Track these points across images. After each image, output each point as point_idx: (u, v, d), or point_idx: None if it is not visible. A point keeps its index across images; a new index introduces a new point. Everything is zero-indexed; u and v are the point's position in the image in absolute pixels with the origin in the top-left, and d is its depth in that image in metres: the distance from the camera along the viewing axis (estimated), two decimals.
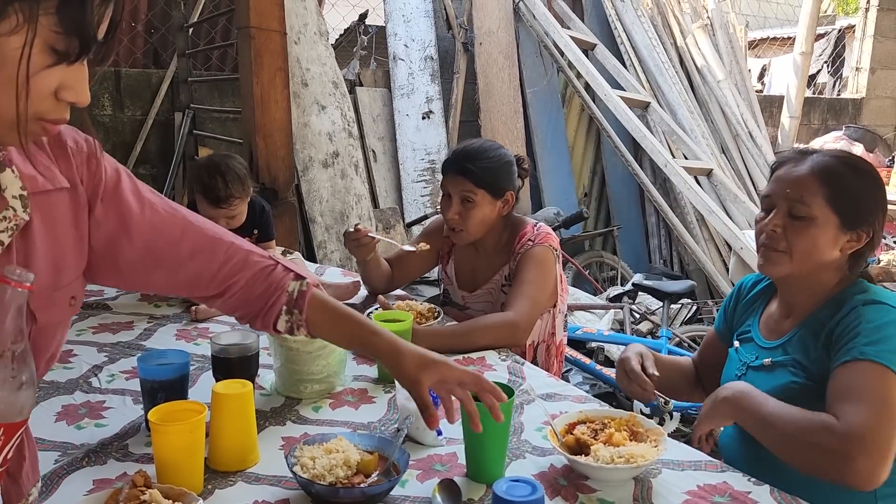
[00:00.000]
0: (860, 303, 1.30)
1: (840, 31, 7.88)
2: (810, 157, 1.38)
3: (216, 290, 1.16)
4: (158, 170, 3.71)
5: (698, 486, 1.20)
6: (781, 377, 1.38)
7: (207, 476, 1.18)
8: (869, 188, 1.35)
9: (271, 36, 2.54)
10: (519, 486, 1.05)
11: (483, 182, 1.94)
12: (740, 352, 1.54)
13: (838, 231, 1.33)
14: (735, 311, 1.61)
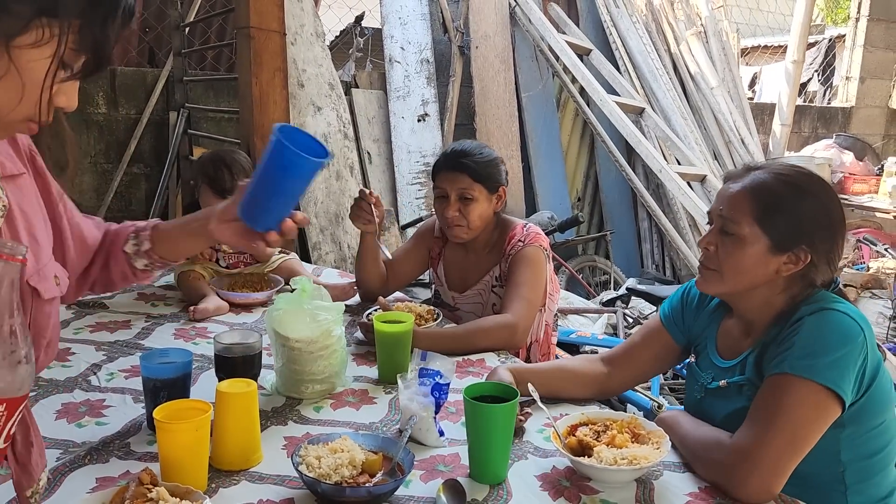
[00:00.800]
0: (806, 313, 1.25)
1: (831, 40, 7.96)
2: (752, 173, 1.33)
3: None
4: (152, 169, 3.70)
5: (699, 489, 1.21)
6: (738, 401, 1.33)
7: (211, 475, 1.18)
8: (808, 207, 1.28)
9: (271, 36, 2.54)
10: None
11: (480, 177, 1.96)
12: (695, 370, 1.49)
13: (768, 252, 1.28)
14: (697, 315, 1.53)
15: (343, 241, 3.64)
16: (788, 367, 1.19)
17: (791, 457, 1.16)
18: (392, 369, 1.58)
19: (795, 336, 1.22)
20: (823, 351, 1.19)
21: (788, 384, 1.18)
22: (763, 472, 1.15)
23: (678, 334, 1.55)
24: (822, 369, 1.17)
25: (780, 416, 1.16)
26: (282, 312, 1.47)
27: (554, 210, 4.38)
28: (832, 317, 1.23)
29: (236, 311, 2.08)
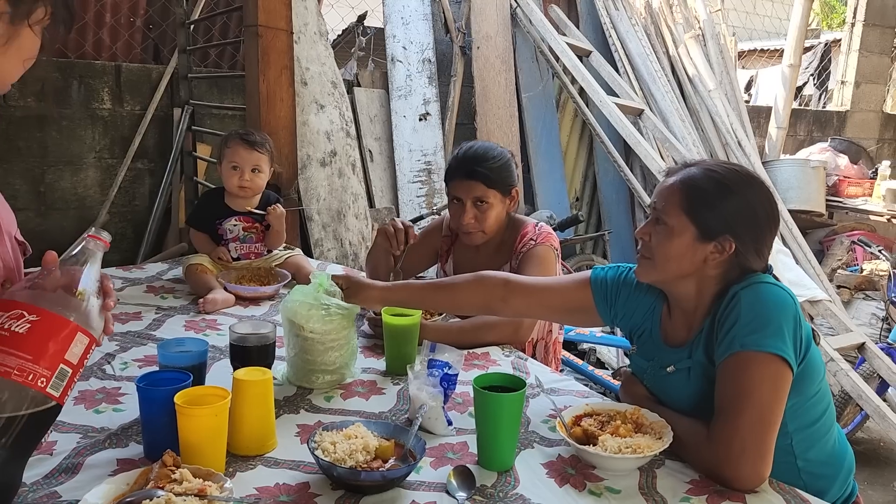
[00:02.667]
0: (738, 289, 1.32)
1: (826, 44, 8.02)
2: (686, 169, 1.40)
3: None
4: (156, 165, 3.72)
5: (700, 477, 1.25)
6: (687, 385, 1.39)
7: (228, 460, 1.22)
8: (727, 198, 1.34)
9: (278, 34, 2.58)
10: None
11: (494, 183, 1.98)
12: (637, 359, 1.53)
13: (695, 241, 1.34)
14: (637, 301, 1.54)
15: (344, 238, 3.68)
16: (739, 345, 1.25)
17: (768, 434, 1.21)
18: (400, 361, 1.63)
19: (735, 312, 1.28)
20: (766, 322, 1.25)
21: (744, 362, 1.24)
22: (749, 459, 1.19)
23: (603, 307, 1.57)
24: (769, 339, 1.24)
25: (746, 398, 1.22)
26: (297, 303, 1.51)
27: (553, 209, 4.42)
28: (763, 289, 1.30)
29: (244, 305, 2.11)
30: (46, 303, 0.93)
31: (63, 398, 0.93)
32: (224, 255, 2.28)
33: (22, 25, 0.96)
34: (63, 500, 1.09)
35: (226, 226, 2.30)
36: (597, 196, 5.21)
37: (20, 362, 0.89)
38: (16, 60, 0.99)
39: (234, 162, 2.23)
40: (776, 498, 1.19)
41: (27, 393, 0.89)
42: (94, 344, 0.97)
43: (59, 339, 0.92)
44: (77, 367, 0.95)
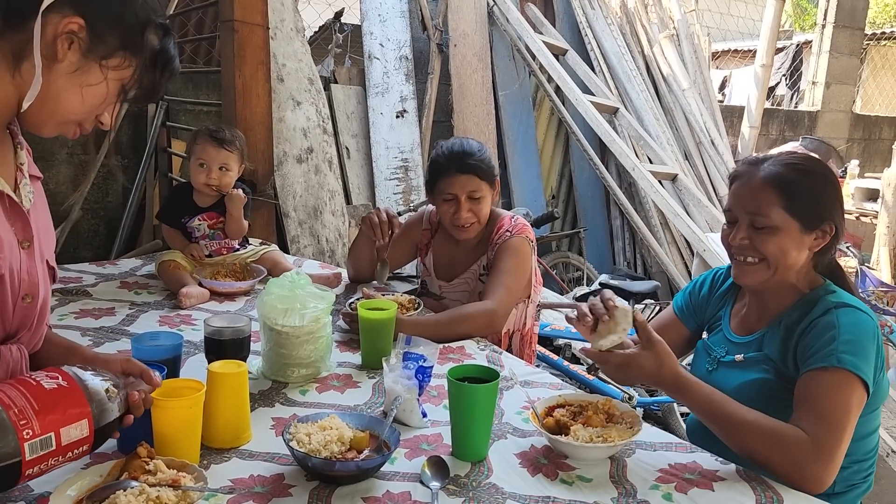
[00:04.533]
0: (832, 305, 1.37)
1: (798, 45, 8.16)
2: (761, 167, 1.44)
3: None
4: (130, 160, 3.69)
5: (669, 465, 1.28)
6: (752, 373, 1.45)
7: (202, 452, 1.22)
8: (821, 186, 1.41)
9: (255, 30, 2.57)
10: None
11: (485, 174, 2.01)
12: (708, 345, 1.61)
13: (801, 234, 1.40)
14: (709, 300, 1.66)
15: (321, 235, 3.67)
16: (837, 360, 1.29)
17: (845, 448, 1.27)
18: (375, 355, 1.63)
19: (833, 330, 1.33)
20: (862, 348, 1.31)
21: (841, 379, 1.29)
22: (833, 467, 1.25)
23: (690, 321, 1.70)
24: (864, 365, 1.30)
25: (839, 412, 1.27)
26: (273, 297, 1.51)
27: (529, 207, 4.45)
28: (860, 317, 1.36)
29: (219, 300, 2.11)
30: (81, 380, 0.98)
31: (27, 467, 0.91)
32: (197, 252, 2.27)
33: (94, 62, 1.02)
34: (34, 493, 1.08)
35: (192, 224, 2.29)
36: (572, 193, 5.26)
37: (23, 405, 0.91)
38: (76, 91, 1.02)
39: (201, 159, 2.22)
40: (743, 486, 1.22)
41: (7, 436, 0.89)
42: (88, 444, 0.98)
43: (67, 412, 0.95)
44: (59, 451, 0.94)
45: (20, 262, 1.05)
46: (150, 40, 1.05)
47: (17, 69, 0.99)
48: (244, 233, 2.33)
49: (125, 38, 1.03)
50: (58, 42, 0.98)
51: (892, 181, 4.85)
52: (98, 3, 1.00)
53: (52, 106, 1.02)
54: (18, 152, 1.11)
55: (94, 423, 0.96)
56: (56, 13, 0.97)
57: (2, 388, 0.91)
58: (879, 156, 7.34)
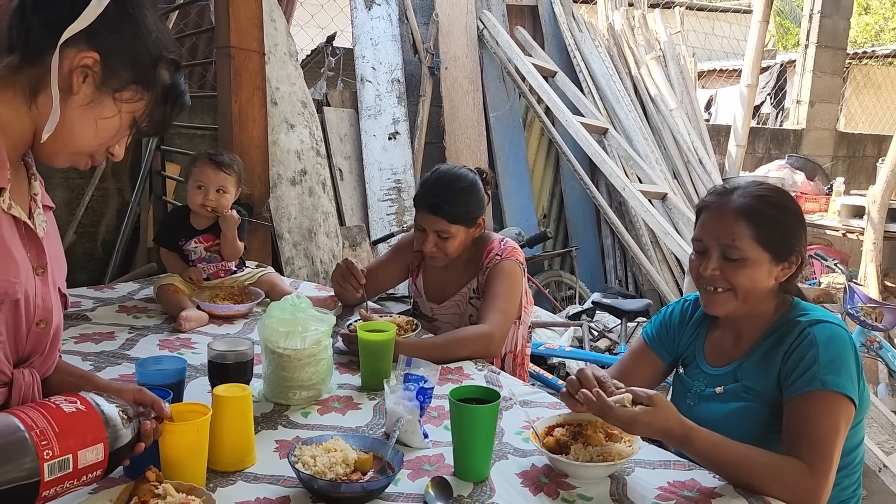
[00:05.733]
0: (806, 325, 1.41)
1: (782, 65, 8.30)
2: (731, 197, 1.46)
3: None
4: (125, 184, 3.71)
5: (668, 483, 1.30)
6: (734, 403, 1.48)
7: (208, 475, 1.23)
8: (790, 220, 1.45)
9: (251, 56, 2.61)
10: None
11: (457, 218, 2.01)
12: (685, 379, 1.62)
13: (771, 265, 1.44)
14: (681, 332, 1.67)
15: (316, 256, 3.69)
16: (820, 383, 1.33)
17: (836, 465, 1.31)
18: (375, 376, 1.65)
19: (812, 351, 1.36)
20: (842, 364, 1.35)
21: (827, 401, 1.32)
22: (827, 487, 1.28)
23: (664, 353, 1.69)
24: (846, 382, 1.33)
25: (830, 435, 1.30)
26: (274, 320, 1.53)
27: (521, 226, 4.49)
28: (835, 331, 1.39)
29: (218, 323, 2.12)
30: (98, 405, 1.01)
31: (45, 488, 0.93)
32: (195, 276, 2.28)
33: (107, 95, 1.05)
34: None
35: (188, 247, 2.31)
36: (564, 213, 5.31)
37: (45, 426, 0.93)
38: (90, 123, 1.06)
39: (199, 181, 2.24)
40: (740, 501, 1.25)
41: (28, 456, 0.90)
42: (102, 469, 1.00)
43: (85, 434, 0.97)
44: (76, 474, 0.96)
45: (35, 288, 1.07)
46: (161, 75, 1.09)
47: (33, 102, 1.02)
48: (239, 254, 2.35)
49: (138, 73, 1.06)
50: (73, 75, 1.01)
51: (877, 198, 4.92)
52: (112, 39, 1.03)
53: (65, 137, 1.05)
54: (32, 183, 1.13)
55: (109, 447, 0.98)
56: (72, 48, 1.00)
57: (24, 409, 0.93)
58: (864, 173, 7.45)
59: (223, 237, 2.27)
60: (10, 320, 1.04)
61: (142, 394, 1.13)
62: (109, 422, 1.00)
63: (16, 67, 1.02)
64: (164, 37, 1.11)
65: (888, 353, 3.45)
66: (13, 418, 0.92)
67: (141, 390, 1.14)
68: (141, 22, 1.07)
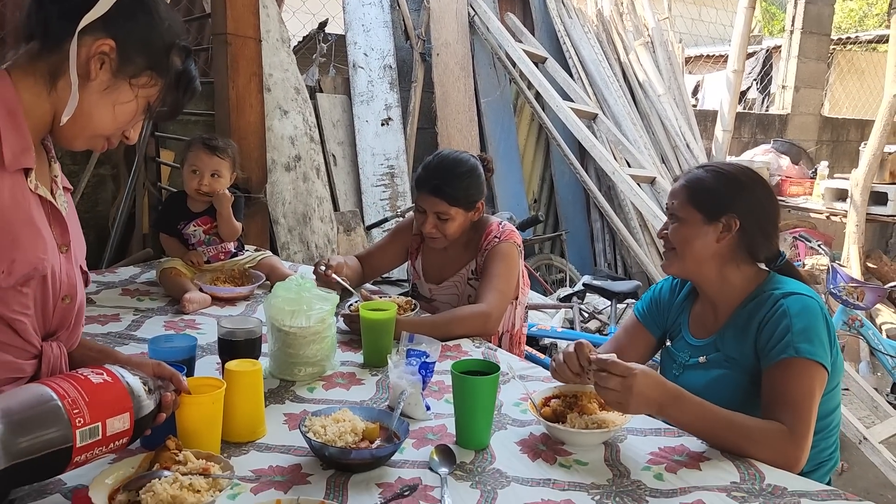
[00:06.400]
0: (780, 296, 1.49)
1: (768, 50, 8.38)
2: (692, 171, 1.64)
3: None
4: (119, 170, 3.73)
5: (659, 448, 1.38)
6: (716, 371, 1.57)
7: (221, 446, 1.29)
8: (720, 183, 1.58)
9: (247, 42, 2.64)
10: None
11: (457, 201, 2.07)
12: (671, 351, 1.73)
13: (704, 225, 1.57)
14: (670, 307, 1.77)
15: (311, 241, 3.74)
16: (794, 350, 1.42)
17: (813, 428, 1.39)
18: (377, 354, 1.72)
19: (785, 321, 1.45)
20: (814, 333, 1.44)
21: (801, 367, 1.41)
22: (806, 448, 1.36)
23: (654, 328, 1.79)
24: (819, 349, 1.42)
25: (805, 399, 1.39)
26: (280, 300, 1.59)
27: (512, 210, 4.55)
28: (807, 302, 1.48)
29: (220, 305, 2.17)
30: (123, 377, 1.06)
31: (77, 454, 0.98)
32: (196, 259, 2.33)
33: (123, 81, 1.10)
34: (68, 486, 1.15)
35: (188, 231, 2.35)
36: (554, 197, 5.37)
37: (76, 396, 0.98)
38: (108, 107, 1.11)
39: (194, 166, 2.29)
40: (727, 464, 1.32)
41: (62, 423, 0.95)
42: (128, 437, 1.05)
43: (113, 403, 1.03)
44: (104, 441, 1.01)
45: (60, 265, 1.12)
46: (174, 61, 1.13)
47: (53, 87, 1.07)
48: (237, 234, 2.39)
49: (152, 59, 1.11)
50: (91, 62, 1.06)
51: (859, 181, 5.03)
52: (127, 27, 1.08)
53: (84, 121, 1.09)
54: (52, 165, 1.18)
55: (134, 415, 1.04)
56: (89, 35, 1.05)
57: (55, 380, 0.98)
58: (847, 157, 7.55)
59: (219, 216, 2.32)
60: (38, 296, 1.09)
61: (160, 368, 1.19)
62: (134, 392, 1.05)
63: (35, 55, 1.07)
64: (176, 24, 1.16)
65: (869, 331, 3.55)
66: (47, 388, 0.97)
67: (160, 364, 1.20)
68: (154, 10, 1.12)
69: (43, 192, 1.11)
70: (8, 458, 0.89)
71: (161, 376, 1.17)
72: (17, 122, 1.04)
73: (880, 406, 3.17)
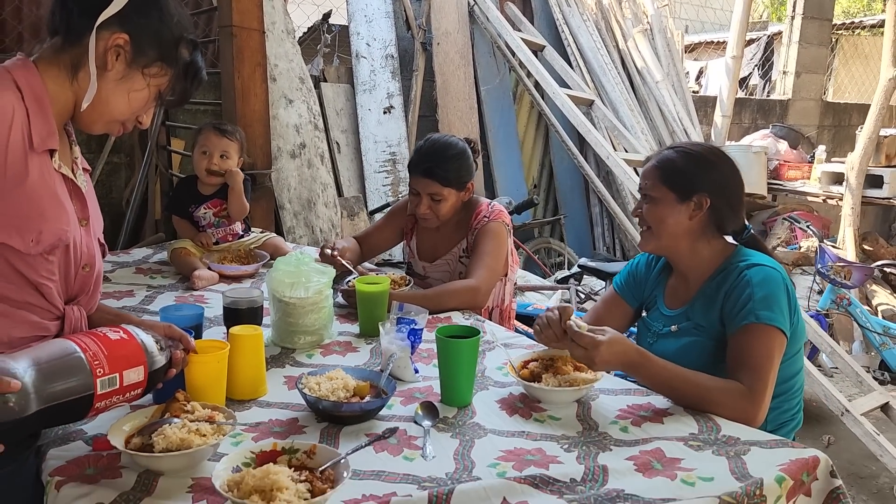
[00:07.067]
0: (744, 268, 1.61)
1: (769, 37, 8.41)
2: (661, 153, 1.73)
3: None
4: (132, 158, 3.87)
5: (627, 406, 1.50)
6: (686, 338, 1.69)
7: (226, 403, 1.42)
8: (690, 163, 1.68)
9: (252, 34, 2.77)
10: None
11: (449, 182, 2.19)
12: (647, 321, 1.85)
13: (676, 203, 1.67)
14: (646, 280, 1.89)
15: (315, 225, 3.88)
16: (755, 317, 1.54)
17: (772, 387, 1.51)
18: (372, 323, 1.84)
19: (749, 290, 1.57)
20: (774, 301, 1.55)
21: (761, 332, 1.53)
22: (764, 406, 1.49)
23: (631, 299, 1.92)
24: (778, 316, 1.54)
25: (767, 361, 1.51)
26: (281, 273, 1.72)
27: (511, 196, 4.67)
28: (768, 272, 1.59)
29: (227, 282, 2.31)
30: (137, 335, 1.19)
31: (98, 400, 1.11)
32: (206, 240, 2.47)
33: (136, 71, 1.22)
34: (88, 435, 1.29)
35: (199, 213, 2.49)
36: (553, 183, 5.48)
37: (96, 350, 1.11)
38: (123, 95, 1.23)
39: (205, 147, 2.43)
40: (688, 418, 1.45)
41: (84, 373, 1.08)
42: (142, 388, 1.18)
43: (129, 357, 1.15)
44: (121, 390, 1.14)
45: (80, 237, 1.26)
46: (182, 53, 1.26)
47: (74, 77, 1.20)
48: (246, 211, 2.50)
49: (162, 51, 1.24)
50: (108, 54, 1.19)
51: (855, 165, 5.10)
52: (140, 22, 1.21)
53: (102, 108, 1.23)
54: (73, 148, 1.31)
55: (148, 368, 1.17)
56: (106, 30, 1.18)
57: (78, 336, 1.12)
58: (849, 141, 7.58)
59: (230, 192, 2.44)
60: (61, 263, 1.23)
61: (171, 329, 1.32)
62: (147, 348, 1.19)
63: (59, 48, 1.20)
64: (185, 20, 1.28)
65: (856, 309, 3.65)
66: (70, 342, 1.11)
67: (170, 326, 1.33)
68: (164, 7, 1.24)
69: (65, 171, 1.24)
70: (39, 402, 1.03)
71: (171, 337, 1.30)
72: (44, 109, 1.17)
73: (864, 381, 3.28)
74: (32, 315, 1.21)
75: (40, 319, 1.22)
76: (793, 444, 1.34)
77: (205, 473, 1.15)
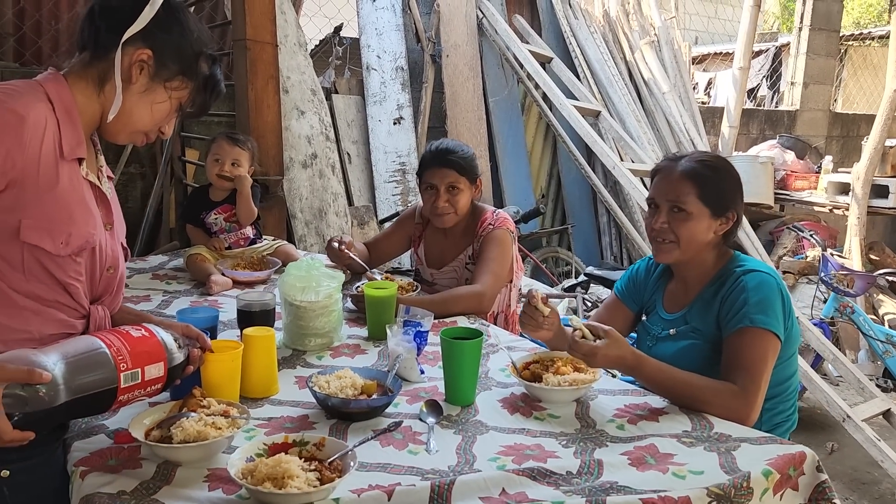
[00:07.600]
0: (741, 273, 1.67)
1: (778, 48, 8.46)
2: (679, 163, 1.74)
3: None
4: (148, 169, 3.97)
5: (625, 405, 1.56)
6: (684, 341, 1.75)
7: (240, 400, 1.49)
8: (728, 182, 1.72)
9: (265, 48, 2.86)
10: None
11: (464, 171, 2.28)
12: (646, 325, 1.91)
13: (710, 219, 1.71)
14: (646, 284, 1.95)
15: (326, 234, 3.96)
16: (749, 321, 1.59)
17: (765, 389, 1.57)
18: (380, 327, 1.91)
19: (744, 294, 1.62)
20: (769, 305, 1.60)
21: (758, 336, 1.58)
22: (756, 406, 1.54)
23: (631, 303, 1.97)
24: (773, 320, 1.59)
25: (758, 363, 1.57)
26: (292, 277, 1.79)
27: (519, 205, 4.74)
28: (763, 278, 1.65)
29: (240, 287, 2.38)
30: (158, 333, 1.26)
31: (121, 394, 1.18)
32: (218, 244, 2.55)
33: (159, 84, 1.30)
34: (110, 429, 1.36)
35: (210, 220, 2.57)
36: (561, 193, 5.54)
37: (120, 346, 1.18)
38: (146, 107, 1.31)
39: (217, 155, 2.53)
40: (682, 416, 1.50)
41: (109, 367, 1.15)
42: (161, 383, 1.24)
43: (150, 353, 1.22)
44: (142, 385, 1.21)
45: (105, 240, 1.34)
46: (202, 67, 1.34)
47: (101, 90, 1.28)
48: (254, 216, 2.58)
49: (183, 66, 1.32)
50: (132, 68, 1.27)
51: (861, 175, 5.13)
52: (163, 38, 1.29)
53: (126, 119, 1.31)
54: (98, 157, 1.39)
55: (168, 364, 1.24)
56: (131, 46, 1.26)
57: (103, 333, 1.20)
58: (857, 152, 7.56)
59: (238, 196, 2.52)
60: (88, 265, 1.30)
61: (188, 329, 1.40)
62: (167, 345, 1.26)
63: (87, 63, 1.29)
64: (204, 35, 1.37)
65: (860, 318, 3.68)
66: (96, 339, 1.18)
67: (188, 326, 1.40)
68: (185, 24, 1.32)
69: (92, 179, 1.32)
70: (68, 394, 1.10)
71: (189, 336, 1.38)
72: (73, 120, 1.25)
73: (867, 388, 3.31)
74: (61, 313, 1.28)
75: (68, 318, 1.30)
76: (781, 441, 1.40)
77: (220, 464, 1.22)
